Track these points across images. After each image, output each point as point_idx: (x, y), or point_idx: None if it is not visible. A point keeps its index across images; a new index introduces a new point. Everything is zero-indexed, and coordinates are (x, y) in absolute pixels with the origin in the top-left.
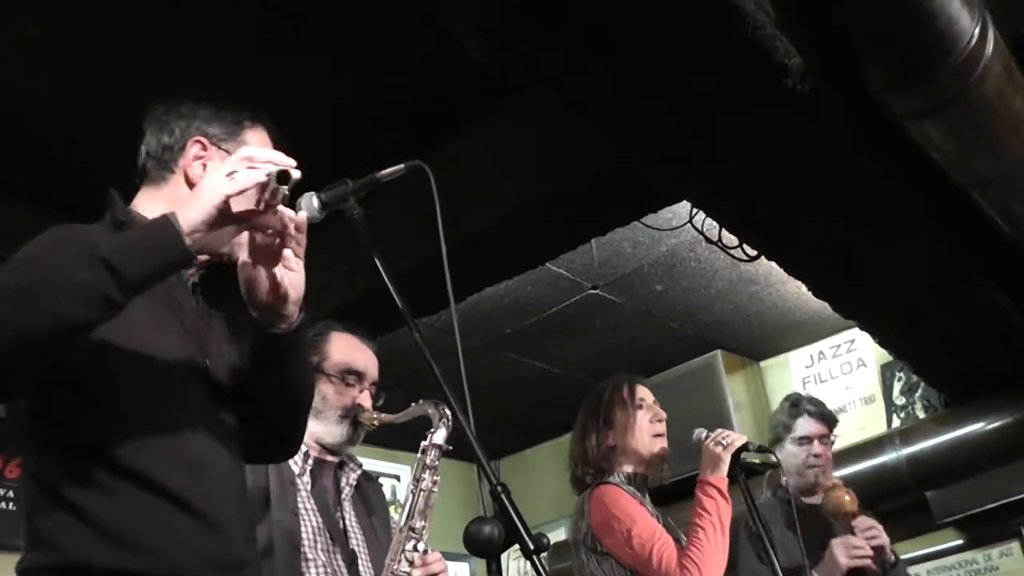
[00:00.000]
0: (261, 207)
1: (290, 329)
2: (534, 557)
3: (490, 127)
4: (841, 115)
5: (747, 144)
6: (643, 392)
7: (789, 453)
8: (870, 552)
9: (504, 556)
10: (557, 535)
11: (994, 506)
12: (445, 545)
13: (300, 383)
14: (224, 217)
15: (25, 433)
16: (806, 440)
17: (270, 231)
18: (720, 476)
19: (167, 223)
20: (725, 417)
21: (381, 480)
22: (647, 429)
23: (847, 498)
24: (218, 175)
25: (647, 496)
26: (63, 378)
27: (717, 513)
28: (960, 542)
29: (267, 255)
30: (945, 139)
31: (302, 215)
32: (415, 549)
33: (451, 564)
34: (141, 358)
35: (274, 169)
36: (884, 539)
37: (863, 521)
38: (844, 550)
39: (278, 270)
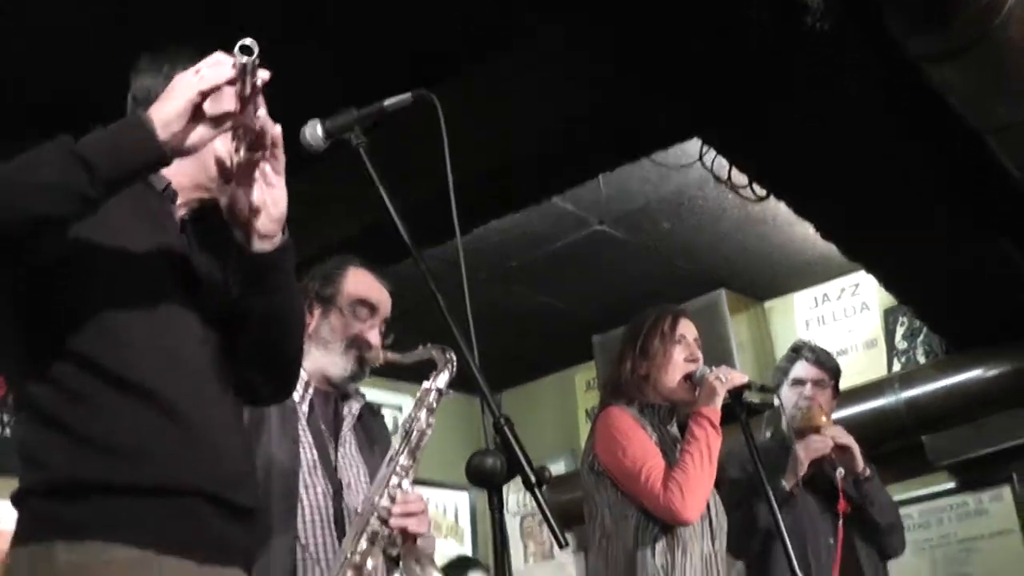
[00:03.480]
0: (238, 107)
1: (274, 248)
2: (535, 490)
3: (499, 62)
4: (859, 57)
5: (762, 84)
6: (685, 328)
7: (785, 396)
8: (830, 444)
9: (504, 488)
10: (557, 469)
11: (988, 452)
12: (446, 475)
13: (286, 305)
14: (198, 112)
15: (10, 351)
16: (799, 383)
17: (249, 146)
18: (713, 408)
19: (140, 120)
20: (727, 356)
21: (383, 411)
22: (680, 367)
23: (817, 412)
24: (188, 74)
25: (671, 426)
26: (47, 292)
27: (706, 441)
28: (952, 485)
29: (246, 172)
30: (965, 83)
31: (278, 128)
32: (399, 486)
33: (452, 494)
34: (129, 273)
35: (241, 60)
36: (849, 441)
37: (832, 429)
38: (803, 447)
39: (258, 187)
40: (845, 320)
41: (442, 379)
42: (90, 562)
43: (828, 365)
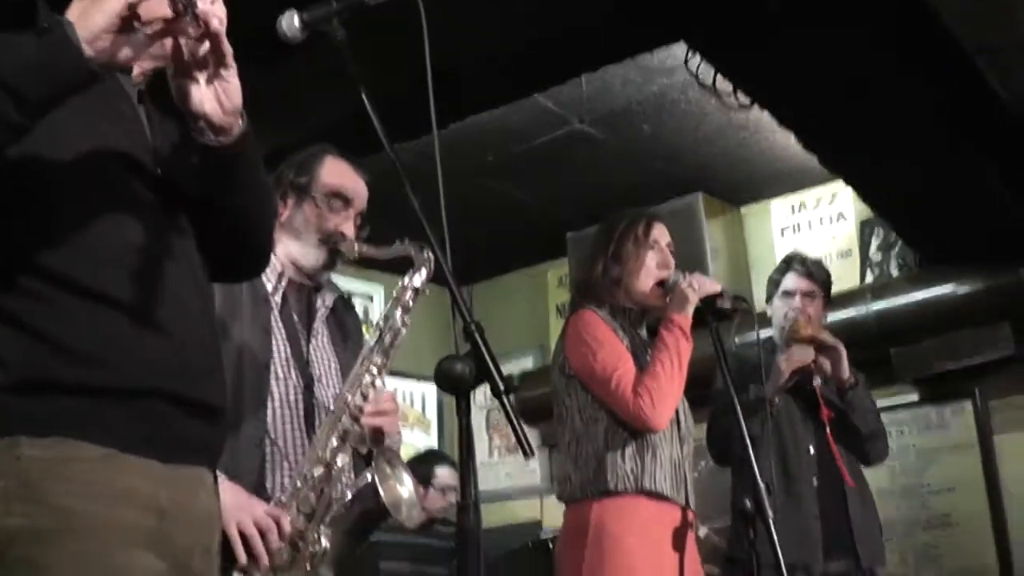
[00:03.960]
0: (173, 13)
1: (231, 141)
2: (503, 397)
3: None
4: None
5: None
6: (659, 233)
7: (775, 308)
8: (811, 355)
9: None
10: (525, 364)
11: (953, 367)
12: (414, 366)
13: (250, 196)
14: (128, 24)
15: None
16: (789, 294)
17: (191, 37)
18: (684, 315)
19: (65, 35)
20: (701, 260)
21: (354, 300)
22: (652, 273)
23: (804, 323)
24: None
25: (641, 330)
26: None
27: (676, 348)
28: (915, 398)
29: (194, 64)
30: (960, 2)
31: (221, 19)
32: (372, 385)
33: (419, 385)
34: (79, 168)
35: None
36: (836, 343)
37: (821, 332)
38: (785, 357)
39: (207, 79)
40: (821, 229)
41: (419, 278)
42: (53, 457)
43: (818, 276)
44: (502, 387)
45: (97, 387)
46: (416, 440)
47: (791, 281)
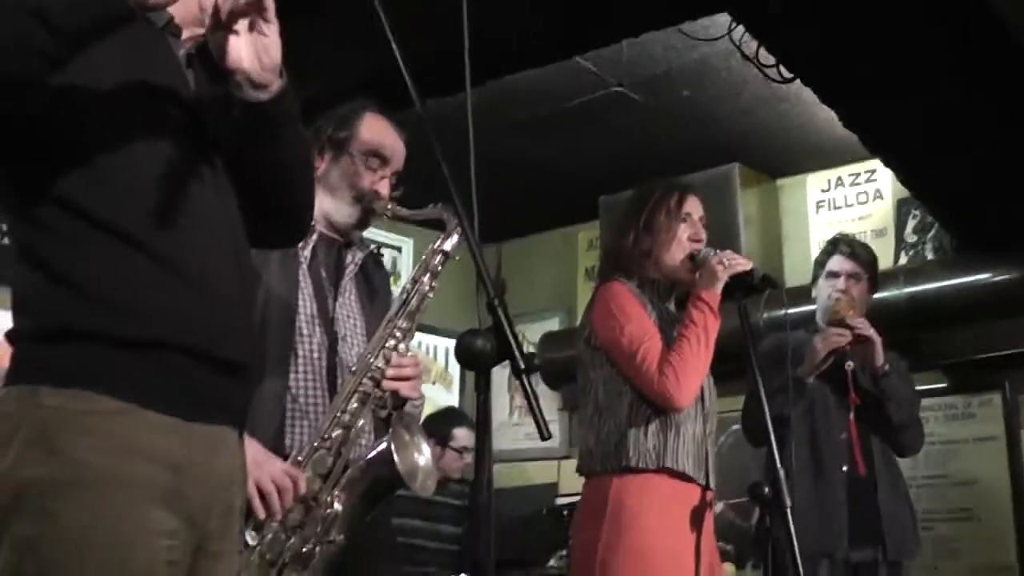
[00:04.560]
0: None
1: (270, 97)
2: (523, 376)
3: None
4: None
5: None
6: (692, 206)
7: (820, 290)
8: (848, 337)
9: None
10: (551, 325)
11: (984, 357)
12: (438, 320)
13: (289, 154)
14: None
15: (2, 195)
16: (833, 275)
17: None
18: (713, 292)
19: None
20: (734, 230)
21: (383, 251)
22: (683, 246)
23: (845, 305)
24: None
25: (669, 303)
26: (27, 137)
27: (704, 325)
28: (943, 385)
29: (234, 20)
30: None
31: None
32: (395, 349)
33: (442, 340)
34: (119, 116)
35: None
36: (871, 333)
37: (856, 320)
38: (821, 338)
39: (248, 35)
40: (857, 206)
41: (449, 243)
42: (73, 409)
43: (864, 259)
44: (523, 366)
45: (120, 339)
46: (437, 395)
47: (836, 263)
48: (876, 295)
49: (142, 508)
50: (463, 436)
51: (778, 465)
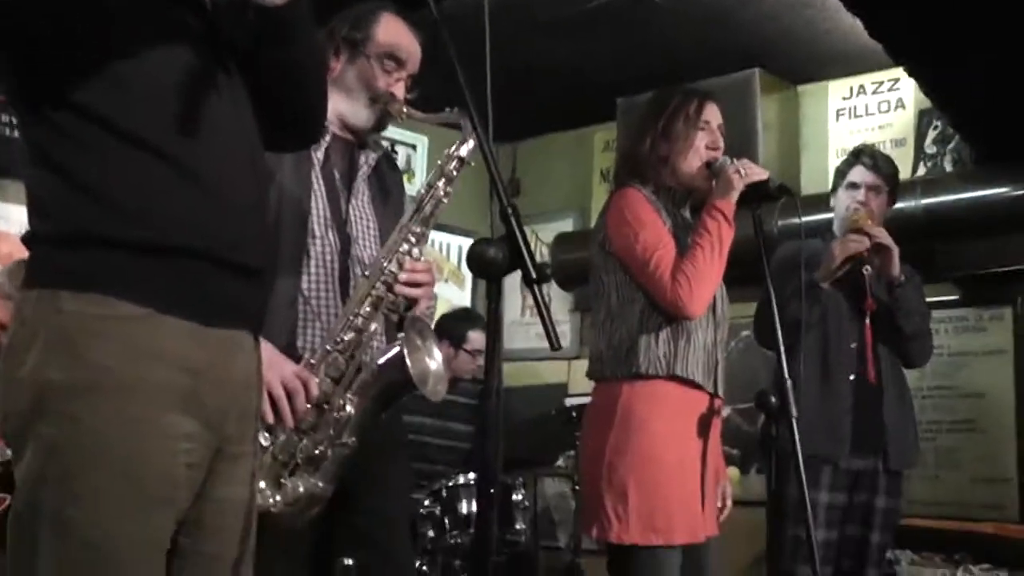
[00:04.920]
0: None
1: (286, 2)
2: (535, 287)
3: None
4: None
5: None
6: (710, 113)
7: (839, 200)
8: (866, 244)
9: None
10: (565, 225)
11: (998, 271)
12: (451, 218)
13: (303, 58)
14: None
15: (16, 98)
16: (854, 186)
17: None
18: (728, 202)
19: None
20: (752, 137)
21: (397, 149)
22: (701, 154)
23: (864, 215)
24: None
25: (684, 211)
26: (46, 38)
27: (718, 234)
28: (955, 297)
29: None
30: None
31: None
32: (408, 253)
33: (455, 238)
34: (130, 20)
35: None
36: (888, 242)
37: (874, 228)
38: (839, 244)
39: None
40: (878, 115)
41: (465, 148)
42: (92, 314)
43: (885, 171)
44: (534, 276)
45: (138, 245)
46: (450, 294)
47: (858, 174)
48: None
49: (160, 412)
50: (477, 339)
51: (786, 375)
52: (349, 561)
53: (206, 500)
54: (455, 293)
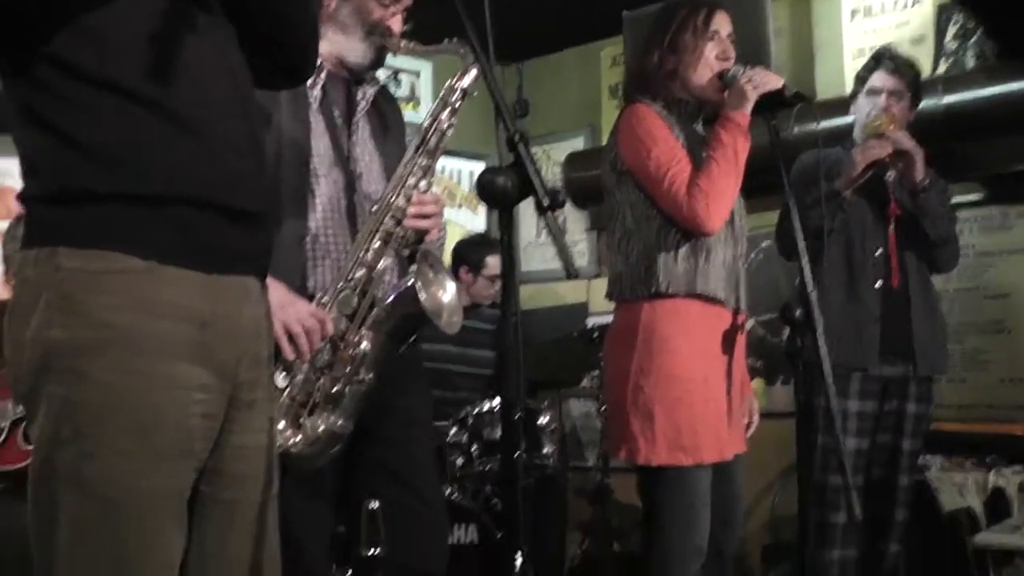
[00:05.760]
0: None
1: None
2: (547, 214)
3: None
4: None
5: None
6: (720, 23)
7: (859, 106)
8: (888, 149)
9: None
10: (575, 144)
11: (1023, 168)
12: (462, 144)
13: None
14: None
15: None
16: (875, 92)
17: None
18: (742, 112)
19: None
20: (764, 41)
21: (401, 77)
22: (711, 65)
23: (886, 120)
24: None
25: (697, 124)
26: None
27: (733, 146)
28: (980, 196)
29: None
30: None
31: None
32: (415, 187)
33: (468, 163)
34: None
35: None
36: (911, 146)
37: (896, 133)
38: (860, 150)
39: None
40: (894, 12)
41: (467, 79)
42: (92, 269)
43: (908, 76)
44: (546, 203)
45: (132, 196)
46: (463, 219)
47: (879, 79)
48: None
49: (169, 364)
50: (495, 264)
51: (809, 288)
52: (374, 504)
53: (224, 448)
54: (469, 218)
